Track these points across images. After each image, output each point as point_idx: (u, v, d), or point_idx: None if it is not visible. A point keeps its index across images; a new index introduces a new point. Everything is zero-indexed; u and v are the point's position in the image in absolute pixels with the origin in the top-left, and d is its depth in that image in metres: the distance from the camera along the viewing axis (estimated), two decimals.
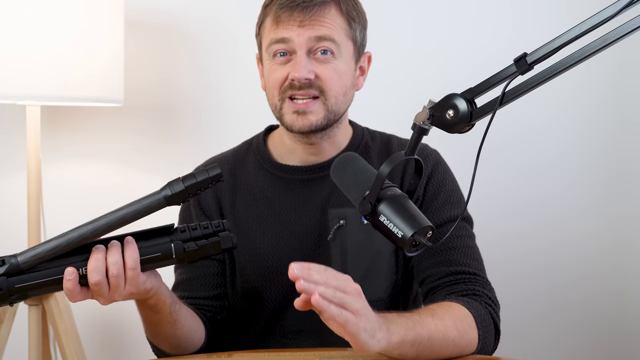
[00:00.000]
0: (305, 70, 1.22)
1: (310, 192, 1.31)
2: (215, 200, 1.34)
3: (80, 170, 2.04)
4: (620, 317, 2.09)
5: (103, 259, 1.00)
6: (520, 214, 2.07)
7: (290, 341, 1.29)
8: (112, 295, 1.02)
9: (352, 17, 1.27)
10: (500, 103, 0.94)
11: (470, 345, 1.15)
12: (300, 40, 1.23)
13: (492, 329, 1.20)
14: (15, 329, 1.81)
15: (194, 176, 1.01)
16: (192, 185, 1.00)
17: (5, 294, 0.97)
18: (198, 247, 1.05)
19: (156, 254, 1.04)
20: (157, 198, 1.01)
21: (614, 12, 0.87)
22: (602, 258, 2.08)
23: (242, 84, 2.03)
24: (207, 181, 1.01)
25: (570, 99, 2.04)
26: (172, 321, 1.15)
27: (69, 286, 0.98)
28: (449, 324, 1.12)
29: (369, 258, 1.28)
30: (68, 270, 0.98)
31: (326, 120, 1.26)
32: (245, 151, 1.39)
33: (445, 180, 1.32)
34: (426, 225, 0.98)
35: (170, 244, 1.04)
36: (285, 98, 1.25)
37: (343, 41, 1.26)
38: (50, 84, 1.66)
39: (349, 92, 1.30)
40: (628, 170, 2.07)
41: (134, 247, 1.02)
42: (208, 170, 1.01)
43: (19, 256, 0.98)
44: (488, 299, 1.23)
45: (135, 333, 2.03)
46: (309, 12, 1.22)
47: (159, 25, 2.03)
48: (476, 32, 2.05)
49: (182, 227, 1.07)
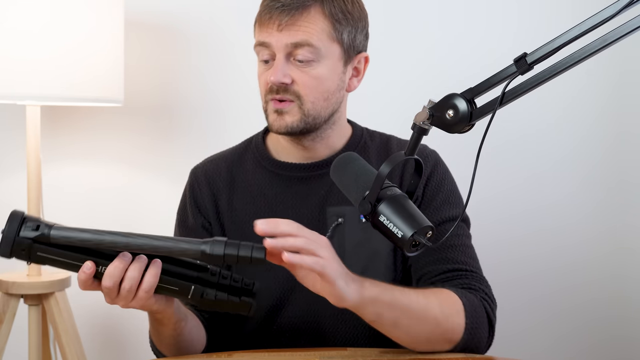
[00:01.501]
0: (281, 74, 1.22)
1: (308, 190, 1.31)
2: (212, 199, 1.34)
3: (80, 170, 2.04)
4: (620, 322, 2.09)
5: (123, 269, 1.00)
6: (520, 218, 2.07)
7: (287, 339, 1.29)
8: (118, 302, 1.04)
9: (337, 19, 1.24)
10: (500, 103, 0.94)
11: (454, 331, 1.14)
12: (278, 45, 1.22)
13: (485, 324, 1.19)
14: (15, 329, 1.81)
15: (237, 248, 0.98)
16: (230, 256, 0.98)
17: (26, 255, 0.99)
18: (215, 299, 1.04)
19: (173, 287, 1.03)
20: (195, 249, 0.99)
21: (614, 12, 0.87)
22: (602, 264, 2.08)
23: (241, 84, 2.03)
24: (246, 259, 0.98)
25: (571, 105, 2.05)
26: (175, 334, 1.16)
27: (83, 278, 1.00)
28: (433, 302, 1.12)
29: (366, 256, 1.28)
30: (87, 264, 1.00)
31: (303, 123, 1.25)
32: (243, 149, 1.40)
33: (444, 181, 1.32)
34: (426, 225, 0.98)
35: (192, 286, 1.02)
36: (269, 100, 1.26)
37: (325, 45, 1.24)
38: (50, 84, 1.66)
39: (333, 95, 1.28)
40: (628, 180, 2.08)
41: (156, 274, 1.01)
42: (253, 249, 0.98)
43: (53, 229, 0.99)
44: (484, 294, 1.22)
45: (135, 333, 2.03)
46: (286, 15, 1.21)
47: (159, 25, 2.03)
48: (476, 32, 2.05)
49: (214, 271, 1.04)
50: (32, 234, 0.98)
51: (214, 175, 1.36)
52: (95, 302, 2.08)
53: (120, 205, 2.04)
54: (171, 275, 1.02)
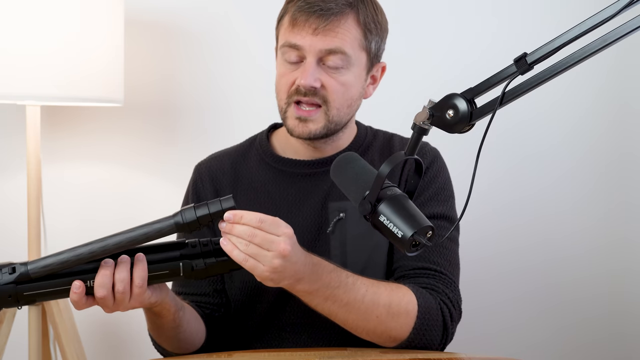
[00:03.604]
0: (312, 78, 1.23)
1: (311, 186, 1.32)
2: (215, 195, 1.34)
3: (80, 170, 2.04)
4: (617, 317, 2.09)
5: (110, 275, 1.02)
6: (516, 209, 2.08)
7: (289, 335, 1.29)
8: (117, 308, 1.05)
9: (369, 29, 1.26)
10: (500, 103, 0.94)
11: (399, 330, 1.16)
12: (311, 49, 1.23)
13: (438, 327, 1.19)
14: (15, 329, 1.81)
15: (207, 206, 1.01)
16: (203, 217, 1.00)
17: (14, 300, 0.99)
18: (206, 267, 1.05)
19: (164, 272, 1.04)
20: (168, 224, 1.01)
21: (614, 12, 0.87)
22: (597, 256, 2.09)
23: (243, 83, 2.03)
24: (219, 213, 1.01)
25: (560, 92, 2.05)
26: (174, 326, 1.17)
27: (75, 298, 1.02)
28: (382, 300, 1.14)
29: (367, 251, 1.28)
30: (75, 283, 1.01)
31: (326, 129, 1.27)
32: (248, 146, 1.41)
33: (437, 177, 1.32)
34: (426, 225, 0.98)
35: (179, 263, 1.04)
36: (291, 102, 1.26)
37: (355, 53, 1.26)
38: (50, 84, 1.66)
39: (355, 103, 1.30)
40: (622, 167, 2.07)
41: (143, 267, 1.03)
42: (221, 202, 1.01)
43: (29, 264, 0.99)
44: (446, 297, 1.22)
45: (135, 333, 2.03)
46: (324, 21, 1.21)
47: (158, 24, 2.03)
48: (476, 32, 2.05)
49: (194, 242, 1.06)
50: (11, 278, 0.99)
51: (217, 171, 1.37)
52: None
53: (120, 205, 2.04)
54: (157, 263, 1.04)
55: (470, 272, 2.07)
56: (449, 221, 1.30)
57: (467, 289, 2.06)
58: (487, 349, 2.04)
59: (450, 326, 1.21)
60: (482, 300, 2.08)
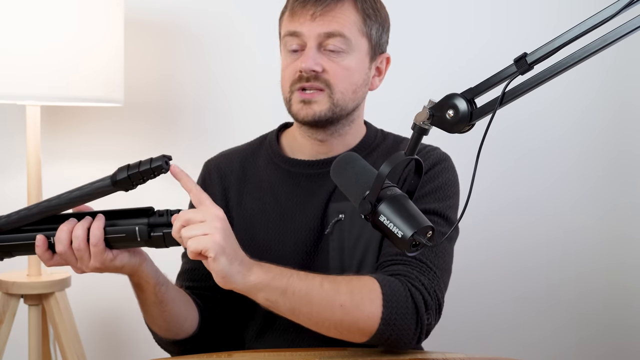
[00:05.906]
0: (312, 62, 1.24)
1: (316, 187, 1.32)
2: (223, 193, 1.36)
3: (80, 170, 2.04)
4: (616, 311, 2.09)
5: (68, 231, 1.06)
6: (516, 209, 2.08)
7: (290, 335, 1.29)
8: (81, 266, 1.08)
9: (368, 14, 1.28)
10: (500, 103, 0.94)
11: (367, 320, 1.10)
12: (310, 34, 1.25)
13: (410, 315, 1.12)
14: (15, 329, 1.81)
15: (138, 165, 1.03)
16: (134, 174, 1.03)
17: None
18: (163, 235, 1.06)
19: (121, 234, 1.07)
20: (105, 182, 1.05)
21: (614, 12, 0.87)
22: (597, 253, 2.09)
23: (243, 82, 2.03)
24: (148, 171, 1.03)
25: (560, 90, 2.05)
26: (157, 302, 1.17)
27: (39, 252, 1.07)
28: (342, 289, 1.10)
29: (362, 251, 1.28)
30: (38, 237, 1.06)
31: (330, 112, 1.27)
32: (257, 145, 1.42)
33: (439, 175, 1.30)
34: (426, 225, 0.98)
35: (135, 228, 1.06)
36: (294, 90, 1.28)
37: (356, 37, 1.27)
38: (50, 84, 1.66)
39: (360, 89, 1.31)
40: (621, 163, 2.08)
41: (99, 225, 1.06)
42: (152, 161, 1.03)
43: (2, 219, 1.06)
44: (419, 283, 1.16)
45: (135, 333, 2.04)
46: (320, 5, 1.24)
47: (158, 24, 2.03)
48: (476, 32, 2.05)
49: (162, 211, 1.09)
50: None
51: (226, 169, 1.38)
52: (95, 302, 2.08)
53: (120, 205, 2.04)
54: (117, 227, 1.07)
55: (470, 273, 2.07)
56: (443, 219, 1.27)
57: (467, 289, 2.07)
58: (487, 348, 2.04)
59: (424, 314, 1.14)
60: (482, 301, 2.08)
